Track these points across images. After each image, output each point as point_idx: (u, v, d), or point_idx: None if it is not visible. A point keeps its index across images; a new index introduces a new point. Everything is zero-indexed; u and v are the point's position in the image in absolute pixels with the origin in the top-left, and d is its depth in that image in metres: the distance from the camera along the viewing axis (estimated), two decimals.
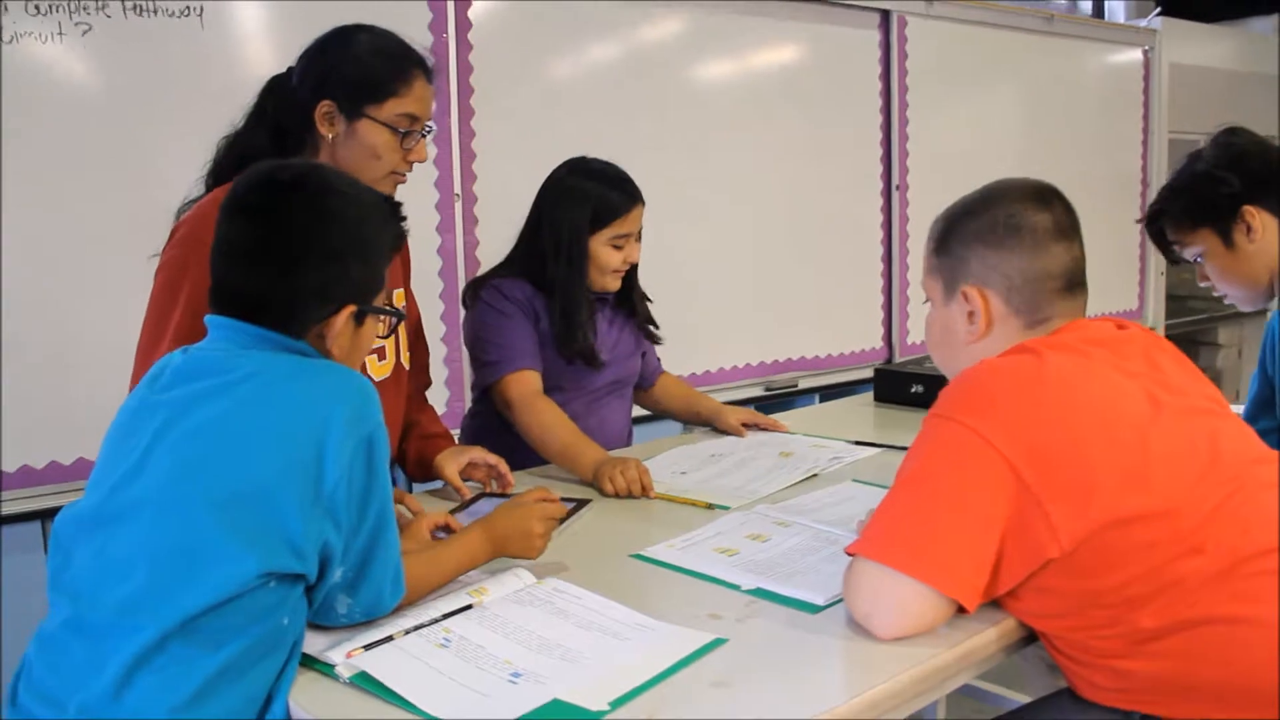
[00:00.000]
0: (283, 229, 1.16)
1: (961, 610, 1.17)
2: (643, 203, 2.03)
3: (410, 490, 2.05)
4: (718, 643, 1.17)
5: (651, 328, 2.21)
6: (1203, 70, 4.72)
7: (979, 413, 1.18)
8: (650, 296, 2.24)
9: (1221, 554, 1.12)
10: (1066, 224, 1.31)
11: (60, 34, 2.24)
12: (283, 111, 1.62)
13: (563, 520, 1.61)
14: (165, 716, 0.99)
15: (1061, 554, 1.13)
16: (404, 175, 1.68)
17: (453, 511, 1.67)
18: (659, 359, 2.35)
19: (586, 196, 1.98)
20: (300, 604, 1.11)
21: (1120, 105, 4.58)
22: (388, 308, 1.29)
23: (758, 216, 3.51)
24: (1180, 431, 1.19)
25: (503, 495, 1.78)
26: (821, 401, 3.53)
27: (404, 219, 1.34)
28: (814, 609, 1.27)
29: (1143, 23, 4.60)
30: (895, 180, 3.81)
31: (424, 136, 1.66)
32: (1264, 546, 1.14)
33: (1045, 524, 1.13)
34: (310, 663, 1.14)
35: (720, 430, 2.20)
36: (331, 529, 1.08)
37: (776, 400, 3.60)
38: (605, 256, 1.99)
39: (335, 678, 1.11)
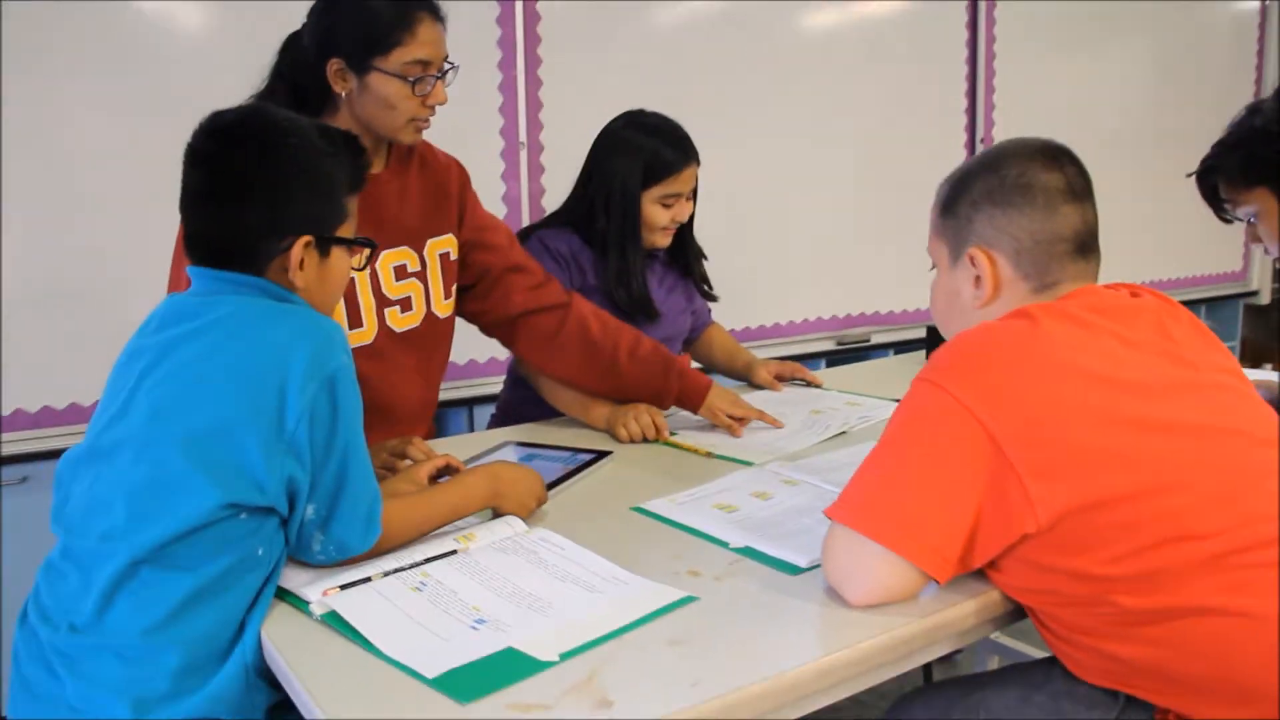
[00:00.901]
0: (227, 170, 1.19)
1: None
2: (698, 162, 2.01)
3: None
4: (687, 600, 1.17)
5: (706, 287, 2.19)
6: None
7: (963, 379, 1.14)
8: (706, 253, 2.22)
9: (1216, 542, 1.06)
10: (1079, 184, 1.25)
11: None
12: (298, 70, 1.65)
13: (578, 471, 1.63)
14: (138, 636, 1.07)
15: (1039, 529, 1.09)
16: (427, 121, 1.69)
17: (470, 460, 1.70)
18: (710, 310, 2.33)
19: (640, 151, 1.96)
20: (276, 536, 1.17)
21: (1231, 58, 4.30)
22: (356, 238, 1.31)
23: (834, 170, 3.44)
24: (1183, 407, 1.13)
25: (532, 445, 1.80)
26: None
27: (362, 152, 1.33)
28: (795, 570, 1.26)
29: None
30: (980, 136, 3.67)
31: (440, 78, 1.66)
32: (1264, 538, 1.07)
33: (1023, 497, 1.09)
34: (289, 598, 1.19)
35: (755, 384, 2.18)
36: (295, 465, 1.13)
37: (848, 355, 3.54)
38: (654, 214, 1.98)
39: (310, 614, 1.15)
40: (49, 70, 2.25)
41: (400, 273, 1.76)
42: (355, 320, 1.70)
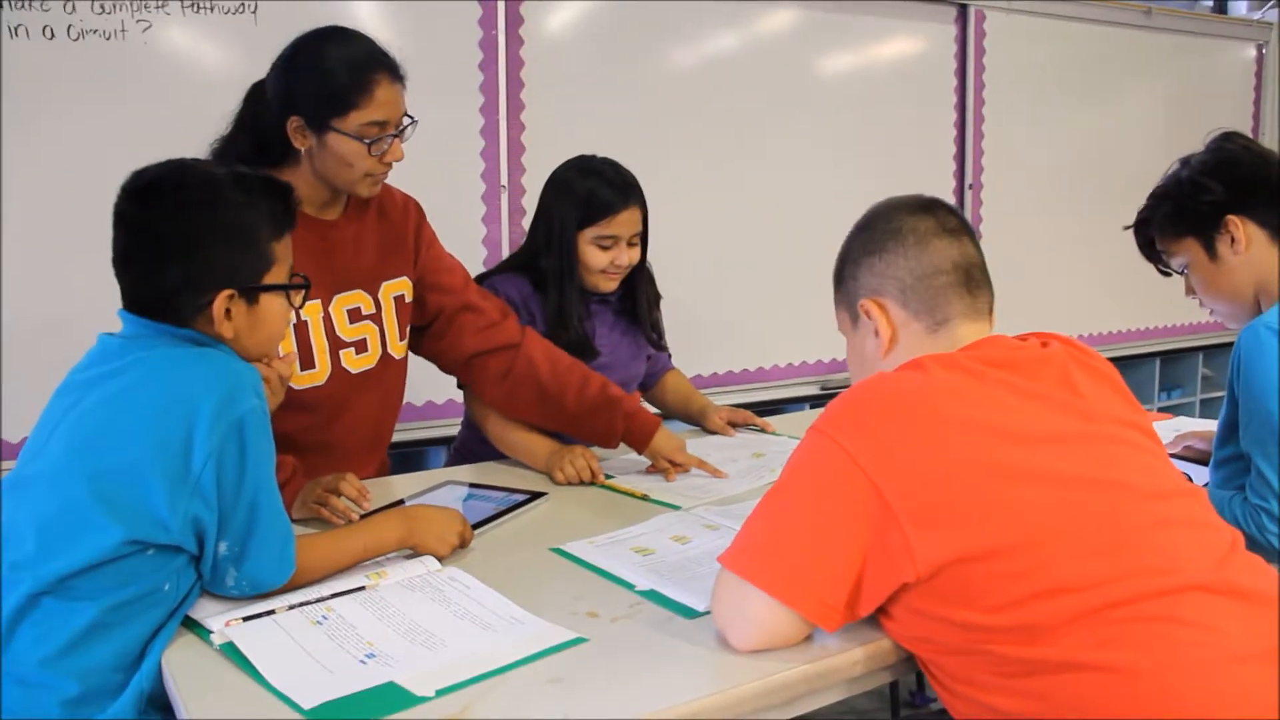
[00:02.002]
0: (143, 231, 1.25)
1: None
2: (638, 207, 2.04)
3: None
4: (576, 641, 1.20)
5: (656, 335, 2.22)
6: None
7: (849, 429, 1.17)
8: (686, 295, 2.24)
9: (1092, 595, 1.07)
10: (952, 224, 1.30)
11: (123, 32, 2.42)
12: (261, 122, 1.71)
13: (509, 511, 1.67)
14: (37, 665, 1.11)
15: (918, 579, 1.11)
16: (384, 175, 1.75)
17: (412, 498, 1.75)
18: (670, 357, 2.37)
19: (576, 193, 2.01)
20: (185, 572, 1.22)
21: (1228, 105, 4.31)
22: (288, 282, 1.34)
23: (820, 213, 3.46)
24: (1069, 459, 1.15)
25: (472, 485, 1.84)
26: None
27: (287, 194, 1.35)
28: (692, 614, 1.28)
29: (1258, 15, 4.30)
30: (969, 179, 3.70)
31: (397, 137, 1.71)
32: (1140, 592, 1.07)
33: (903, 546, 1.11)
34: (195, 627, 1.23)
35: (708, 430, 2.21)
36: (202, 506, 1.17)
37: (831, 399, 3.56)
38: (590, 255, 2.01)
39: (210, 644, 1.19)
40: (50, 101, 2.34)
41: (354, 315, 1.81)
42: (307, 362, 1.75)
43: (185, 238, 1.24)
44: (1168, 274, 1.78)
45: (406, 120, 1.72)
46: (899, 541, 1.11)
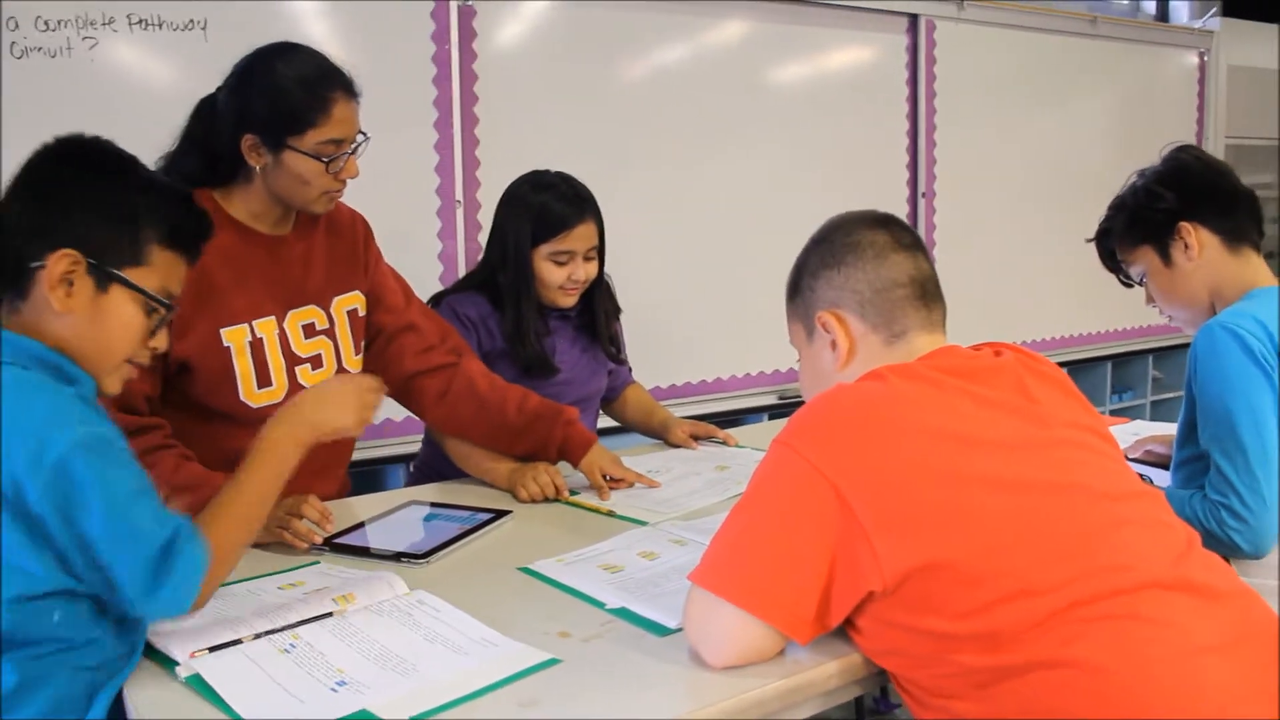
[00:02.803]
0: (27, 173, 1.16)
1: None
2: (594, 221, 2.03)
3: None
4: (550, 663, 1.19)
5: (614, 349, 2.21)
6: (1265, 72, 4.49)
7: (812, 440, 1.17)
8: (648, 307, 2.24)
9: (1054, 597, 1.08)
10: (907, 239, 1.33)
11: (68, 49, 2.37)
12: (213, 138, 1.68)
13: (474, 530, 1.65)
14: None
15: (884, 587, 1.12)
16: (339, 192, 1.74)
17: (371, 519, 1.73)
18: (630, 370, 2.37)
19: (529, 209, 2.00)
20: (90, 617, 1.14)
21: (1172, 110, 4.41)
22: (143, 289, 1.18)
23: (776, 222, 3.49)
24: (1028, 464, 1.16)
25: (436, 505, 1.82)
26: None
27: (194, 218, 1.26)
28: (664, 631, 1.28)
29: (1199, 23, 4.41)
30: (922, 188, 3.75)
31: (353, 154, 1.71)
32: (1106, 589, 1.09)
33: (870, 555, 1.12)
34: (157, 656, 1.21)
35: (671, 443, 2.21)
36: (56, 549, 1.09)
37: (790, 409, 3.58)
38: (546, 272, 2.01)
39: (175, 676, 1.17)
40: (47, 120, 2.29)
41: (309, 330, 1.79)
42: (264, 379, 1.73)
43: (61, 186, 1.14)
44: (1129, 285, 1.82)
45: (360, 137, 1.72)
46: (865, 550, 1.12)
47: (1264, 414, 1.51)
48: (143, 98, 2.44)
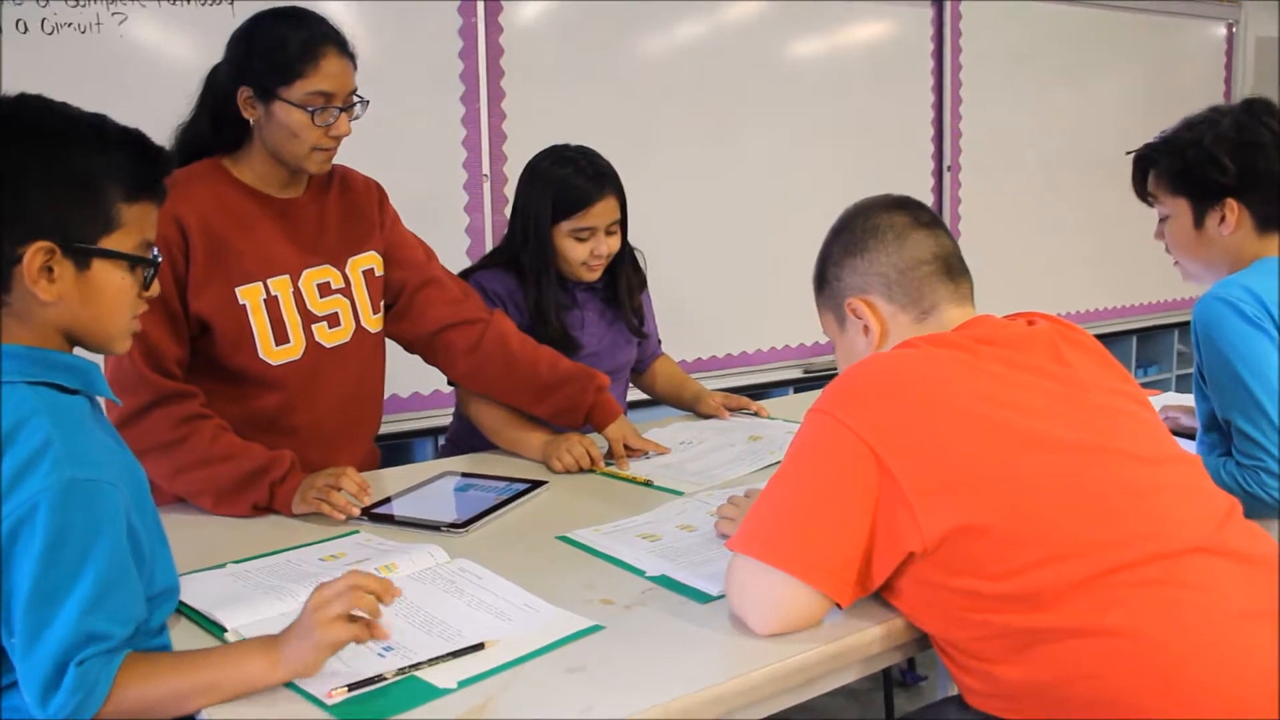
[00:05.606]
0: None
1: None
2: (614, 196, 2.01)
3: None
4: (594, 629, 1.21)
5: (638, 321, 2.20)
6: None
7: (849, 406, 1.18)
8: (675, 281, 2.21)
9: (1092, 561, 1.09)
10: (926, 217, 1.34)
11: (98, 24, 2.38)
12: (218, 100, 1.71)
13: (511, 501, 1.66)
14: None
15: (924, 549, 1.12)
16: (331, 151, 1.73)
17: (406, 490, 1.74)
18: (659, 342, 2.37)
19: (550, 184, 1.99)
20: None
21: (1199, 83, 4.36)
22: (125, 253, 1.11)
23: (800, 197, 3.49)
24: (1066, 426, 1.16)
25: (471, 476, 1.83)
26: None
27: (155, 154, 1.16)
28: (705, 598, 1.29)
29: None
30: (947, 161, 3.72)
31: (345, 111, 1.70)
32: (1147, 554, 1.09)
33: (909, 517, 1.12)
34: (210, 626, 1.22)
35: (703, 414, 2.21)
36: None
37: (816, 382, 3.58)
38: (568, 248, 2.00)
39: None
40: None
41: (324, 289, 1.80)
42: (281, 336, 1.75)
43: (6, 165, 1.06)
44: (1147, 203, 1.78)
45: (356, 99, 1.72)
46: (904, 512, 1.13)
47: (1273, 372, 1.52)
48: (171, 73, 2.44)
